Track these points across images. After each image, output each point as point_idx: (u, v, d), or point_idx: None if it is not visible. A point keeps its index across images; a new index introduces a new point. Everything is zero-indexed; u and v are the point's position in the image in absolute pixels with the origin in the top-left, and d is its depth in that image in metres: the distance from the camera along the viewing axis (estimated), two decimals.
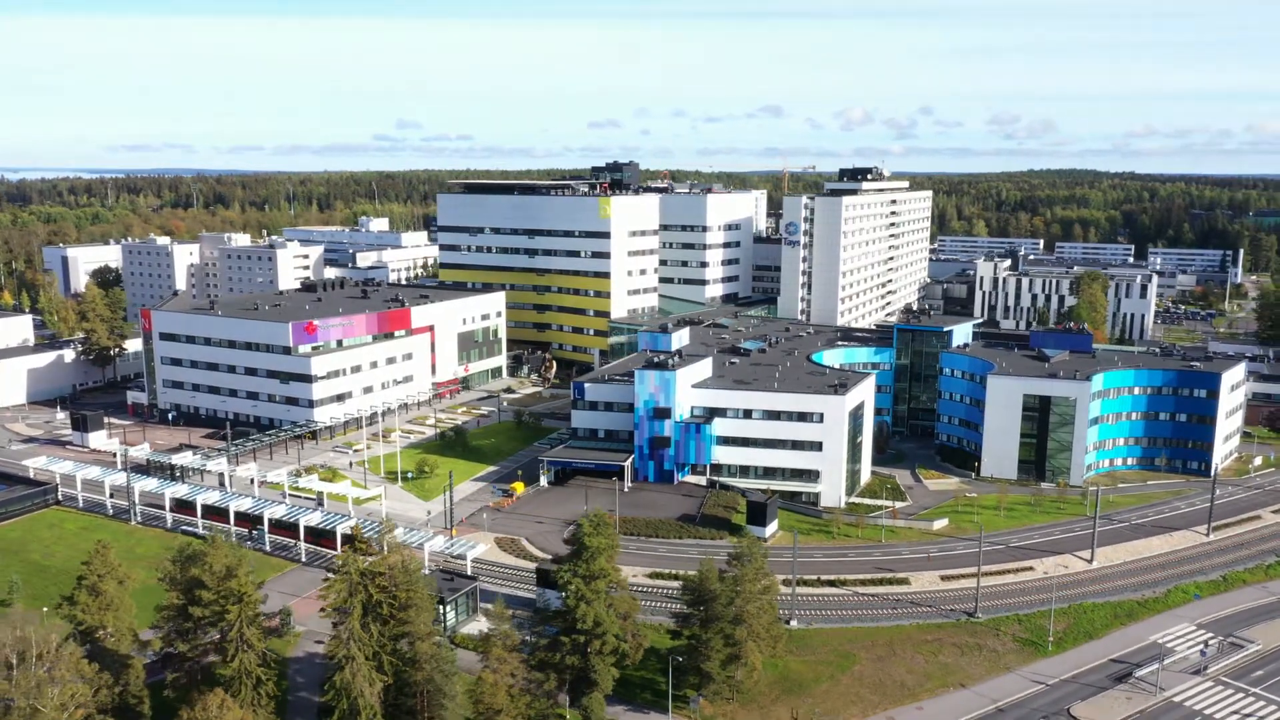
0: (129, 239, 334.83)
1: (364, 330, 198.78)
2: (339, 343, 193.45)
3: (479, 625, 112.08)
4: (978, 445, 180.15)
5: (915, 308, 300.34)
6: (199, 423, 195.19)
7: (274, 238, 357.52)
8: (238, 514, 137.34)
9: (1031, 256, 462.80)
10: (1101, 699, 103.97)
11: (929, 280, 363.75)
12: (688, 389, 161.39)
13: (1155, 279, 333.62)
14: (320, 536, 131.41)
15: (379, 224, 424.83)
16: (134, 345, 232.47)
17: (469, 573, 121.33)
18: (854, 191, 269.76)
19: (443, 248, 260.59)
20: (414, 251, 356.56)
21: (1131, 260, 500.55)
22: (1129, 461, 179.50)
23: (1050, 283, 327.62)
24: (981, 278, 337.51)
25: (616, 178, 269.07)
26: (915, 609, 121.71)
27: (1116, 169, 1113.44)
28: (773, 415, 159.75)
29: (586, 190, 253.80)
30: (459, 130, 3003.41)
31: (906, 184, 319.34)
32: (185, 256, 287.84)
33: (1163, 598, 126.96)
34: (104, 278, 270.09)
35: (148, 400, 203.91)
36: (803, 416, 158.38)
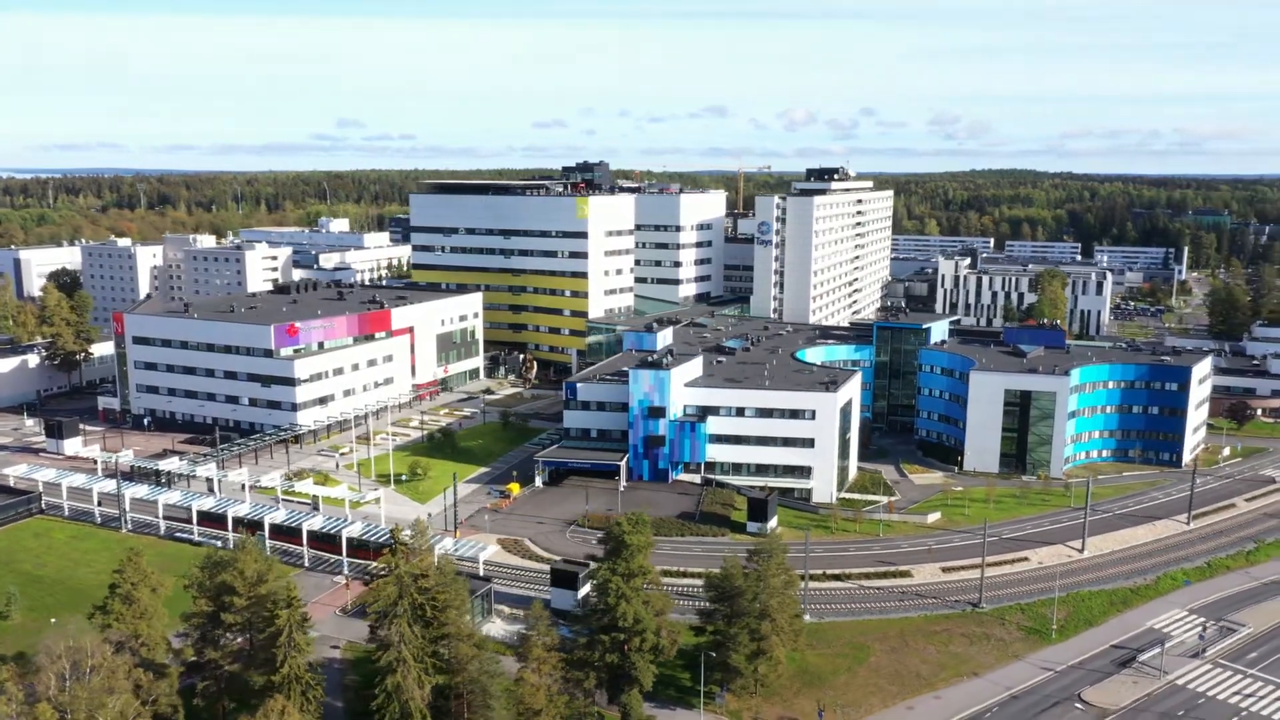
0: (84, 241, 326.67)
1: (345, 332, 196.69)
2: (320, 345, 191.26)
3: (494, 626, 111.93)
4: (958, 440, 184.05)
5: (891, 305, 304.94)
6: (175, 428, 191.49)
7: (234, 239, 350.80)
8: (235, 519, 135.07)
9: (984, 255, 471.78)
10: (1109, 684, 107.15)
11: (890, 279, 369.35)
12: (680, 388, 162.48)
13: (1109, 276, 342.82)
14: (323, 541, 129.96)
15: (339, 225, 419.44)
16: (100, 349, 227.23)
17: (481, 574, 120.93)
18: (824, 191, 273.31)
19: (416, 248, 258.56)
20: (377, 252, 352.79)
21: (1079, 258, 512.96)
22: (1104, 454, 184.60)
23: (1010, 280, 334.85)
24: (943, 275, 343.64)
25: (587, 177, 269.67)
26: (921, 601, 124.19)
27: (1052, 169, 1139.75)
28: (765, 413, 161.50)
29: (562, 190, 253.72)
30: (401, 129, 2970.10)
31: (870, 184, 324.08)
32: (148, 259, 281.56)
33: (1154, 585, 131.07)
34: (62, 280, 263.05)
35: (120, 406, 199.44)
36: (795, 414, 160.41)
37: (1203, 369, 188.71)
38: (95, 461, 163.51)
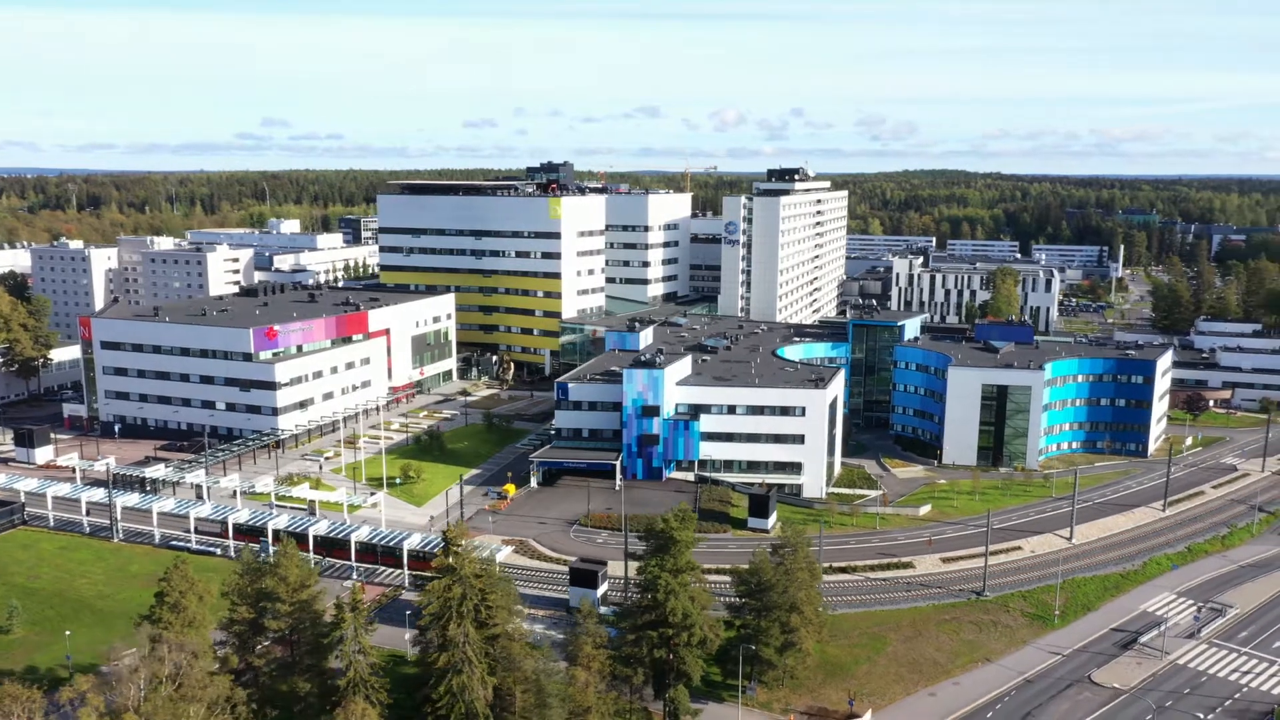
0: (27, 243, 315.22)
1: (323, 335, 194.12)
2: (299, 348, 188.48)
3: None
4: (934, 434, 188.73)
5: (863, 303, 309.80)
6: (147, 435, 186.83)
7: (182, 242, 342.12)
8: (236, 526, 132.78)
9: (932, 254, 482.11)
10: (1115, 665, 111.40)
11: (845, 278, 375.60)
12: (672, 387, 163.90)
13: (1056, 274, 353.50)
14: (330, 546, 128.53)
15: (290, 226, 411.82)
16: (60, 355, 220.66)
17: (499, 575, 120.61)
18: (788, 191, 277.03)
19: (383, 249, 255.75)
20: (331, 254, 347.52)
21: (1019, 257, 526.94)
22: (1074, 445, 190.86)
23: (962, 278, 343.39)
24: (898, 274, 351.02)
25: (552, 178, 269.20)
26: (927, 591, 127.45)
27: (975, 169, 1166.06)
28: (756, 410, 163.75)
29: (532, 191, 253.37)
30: (329, 129, 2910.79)
31: (828, 184, 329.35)
32: (103, 261, 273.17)
33: (1141, 570, 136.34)
34: (10, 284, 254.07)
35: (87, 413, 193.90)
36: (785, 411, 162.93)
37: (1165, 362, 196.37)
38: (73, 470, 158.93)
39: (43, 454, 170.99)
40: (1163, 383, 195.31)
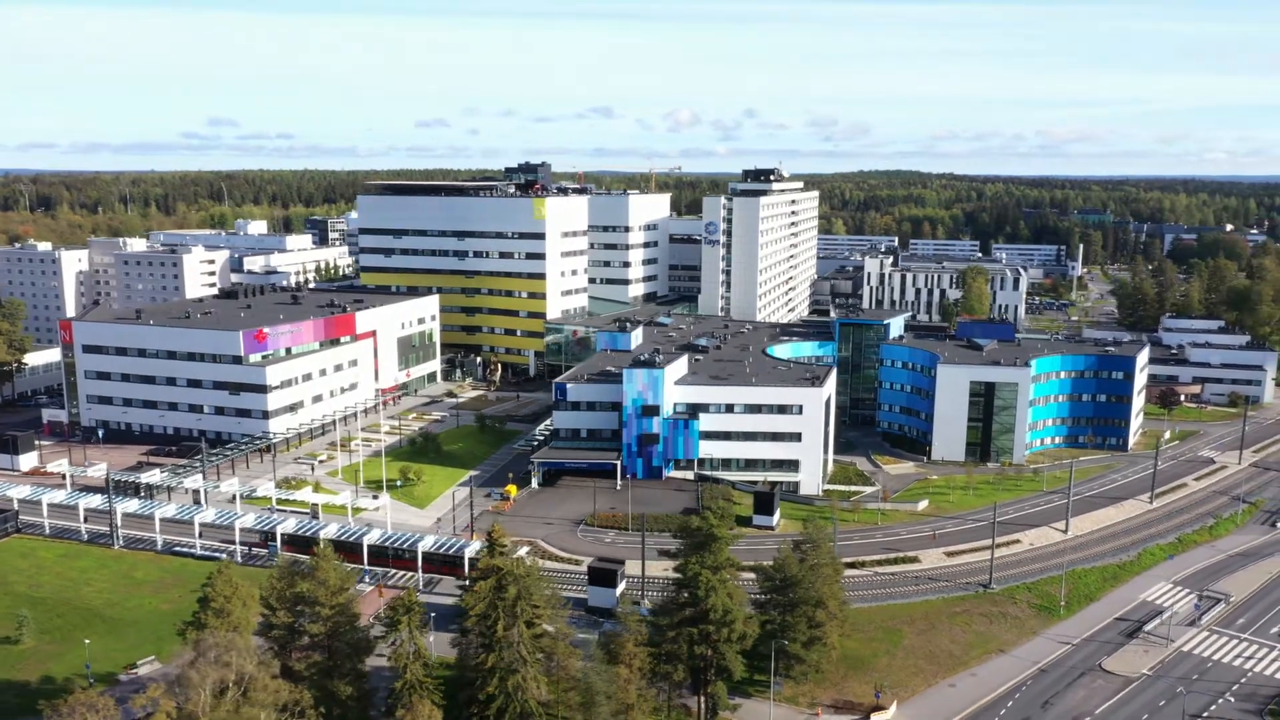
0: None
1: (311, 337, 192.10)
2: (288, 350, 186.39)
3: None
4: (920, 431, 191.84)
5: (850, 302, 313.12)
6: (131, 440, 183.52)
7: (151, 244, 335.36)
8: (244, 530, 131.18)
9: (884, 253, 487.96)
10: (1123, 653, 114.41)
11: (816, 277, 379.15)
12: (671, 386, 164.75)
13: (1024, 273, 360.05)
14: (341, 550, 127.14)
15: (257, 227, 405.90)
16: (33, 359, 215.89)
17: None
18: (766, 192, 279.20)
19: (363, 250, 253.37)
20: (301, 255, 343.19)
21: (980, 256, 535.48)
22: (1056, 440, 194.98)
23: (932, 277, 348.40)
24: (869, 273, 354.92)
25: (530, 179, 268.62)
26: (935, 584, 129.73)
27: (925, 169, 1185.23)
28: (754, 409, 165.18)
29: (514, 191, 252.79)
30: (278, 128, 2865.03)
31: (801, 184, 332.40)
32: (74, 263, 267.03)
33: (1137, 560, 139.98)
34: None
35: (68, 418, 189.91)
36: (783, 409, 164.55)
37: (1143, 358, 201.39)
38: (63, 476, 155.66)
39: (27, 460, 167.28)
40: (1140, 378, 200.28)
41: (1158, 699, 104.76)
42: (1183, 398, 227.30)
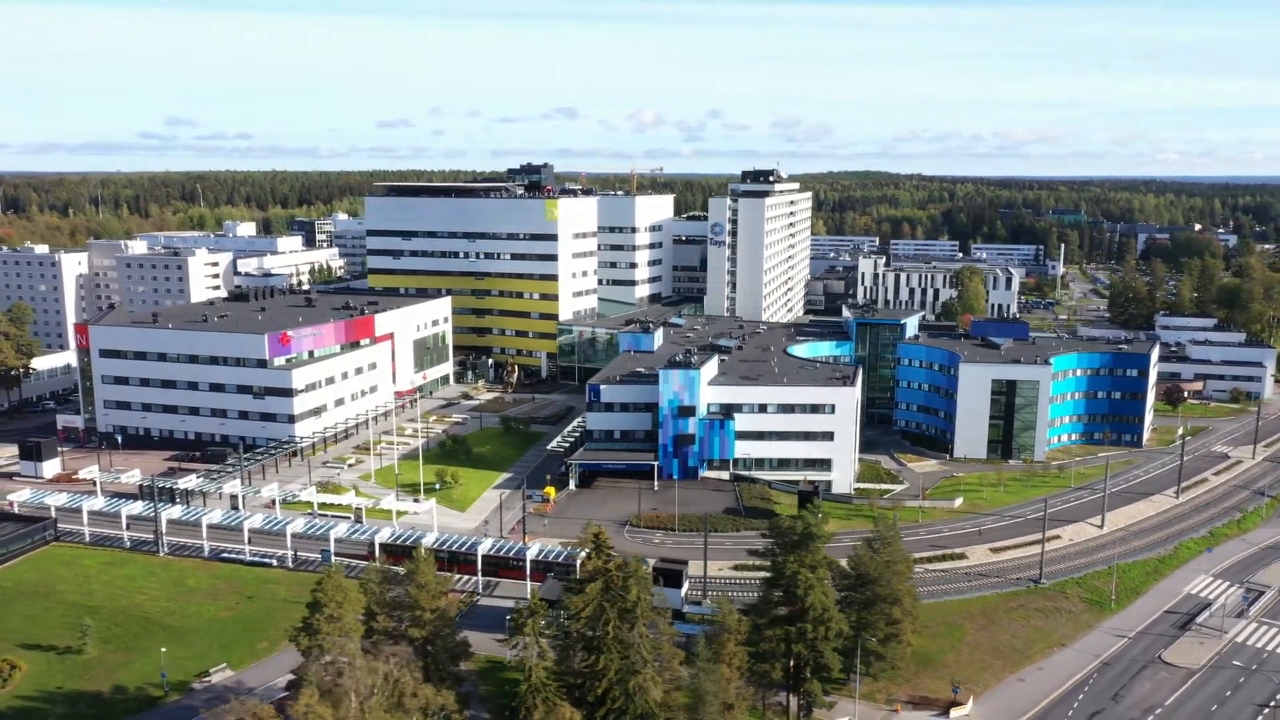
0: None
1: (333, 340, 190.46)
2: (310, 354, 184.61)
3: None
4: (939, 429, 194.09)
5: (866, 302, 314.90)
6: (151, 445, 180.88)
7: (149, 245, 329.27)
8: (294, 535, 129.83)
9: (876, 253, 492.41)
10: (1180, 646, 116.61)
11: (809, 277, 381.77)
12: (705, 386, 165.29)
13: (1015, 273, 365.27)
14: (398, 554, 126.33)
15: (246, 229, 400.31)
16: (40, 364, 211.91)
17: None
18: (769, 193, 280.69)
19: (371, 252, 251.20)
20: (294, 257, 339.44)
21: (961, 255, 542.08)
22: (1073, 437, 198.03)
23: (926, 277, 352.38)
24: (863, 273, 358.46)
25: (534, 179, 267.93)
26: (986, 580, 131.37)
27: (887, 169, 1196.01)
28: (787, 409, 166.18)
29: (523, 193, 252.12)
30: (237, 128, 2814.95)
31: (797, 185, 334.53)
32: (74, 266, 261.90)
33: (1174, 554, 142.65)
34: None
35: (84, 424, 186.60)
36: (815, 408, 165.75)
37: (1154, 356, 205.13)
38: (93, 483, 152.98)
39: (51, 467, 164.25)
40: (1153, 375, 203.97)
41: (1222, 689, 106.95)
42: (1186, 394, 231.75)
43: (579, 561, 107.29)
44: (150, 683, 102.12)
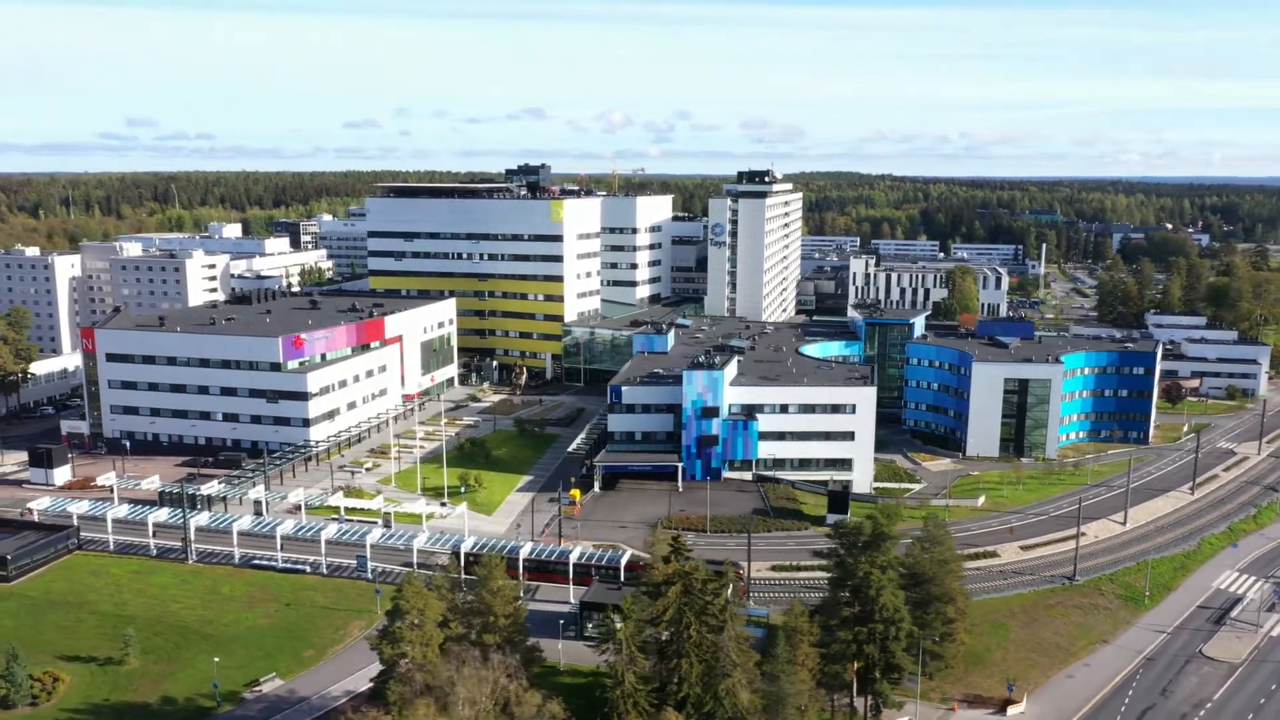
0: None
1: (344, 343, 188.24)
2: (323, 356, 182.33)
3: None
4: (949, 428, 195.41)
5: (872, 302, 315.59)
6: (160, 451, 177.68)
7: (140, 248, 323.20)
8: (328, 542, 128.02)
9: (867, 253, 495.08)
10: (1219, 640, 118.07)
11: (800, 277, 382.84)
12: (727, 387, 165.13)
13: (1004, 273, 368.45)
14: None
15: (232, 230, 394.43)
16: (37, 368, 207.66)
17: (623, 579, 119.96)
18: (768, 193, 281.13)
19: (372, 254, 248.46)
20: (282, 259, 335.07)
21: (941, 255, 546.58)
22: (1081, 435, 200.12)
23: (917, 276, 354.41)
24: (854, 273, 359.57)
25: (532, 180, 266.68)
26: (1020, 578, 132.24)
27: (856, 170, 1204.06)
28: (808, 409, 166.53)
29: (525, 193, 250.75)
30: (199, 128, 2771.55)
31: (790, 185, 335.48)
32: (66, 269, 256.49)
33: (1198, 550, 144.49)
34: None
35: (89, 429, 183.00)
36: (836, 408, 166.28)
37: (1159, 354, 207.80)
38: (110, 490, 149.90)
39: (61, 474, 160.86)
40: (1156, 373, 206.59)
41: (1268, 683, 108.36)
42: (1185, 392, 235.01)
43: (651, 565, 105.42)
44: (199, 693, 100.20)
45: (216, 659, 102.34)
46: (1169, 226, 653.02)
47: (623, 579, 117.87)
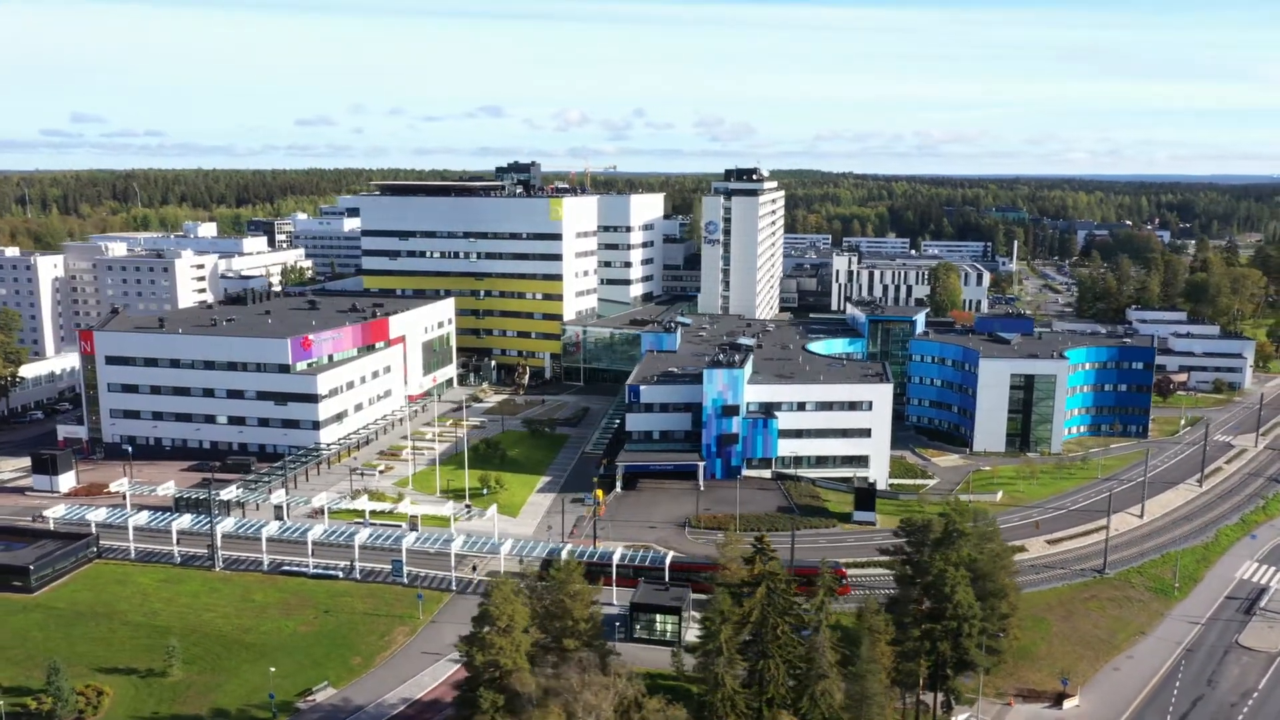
0: None
1: (350, 343, 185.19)
2: (330, 357, 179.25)
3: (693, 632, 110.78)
4: (953, 424, 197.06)
5: (871, 299, 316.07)
6: (163, 456, 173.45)
7: (135, 246, 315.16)
8: (362, 548, 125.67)
9: (841, 251, 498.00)
10: (1253, 629, 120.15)
11: (783, 275, 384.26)
12: (746, 385, 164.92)
13: (985, 270, 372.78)
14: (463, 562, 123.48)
15: (207, 229, 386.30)
16: (26, 372, 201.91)
17: (667, 579, 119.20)
18: (759, 191, 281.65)
19: (366, 253, 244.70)
20: (262, 258, 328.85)
21: (912, 252, 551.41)
22: (1082, 429, 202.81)
23: (899, 274, 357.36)
24: (837, 271, 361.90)
25: (522, 178, 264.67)
26: (1052, 573, 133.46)
27: (810, 168, 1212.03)
28: (825, 406, 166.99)
29: (521, 192, 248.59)
30: (147, 125, 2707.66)
31: (775, 183, 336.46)
32: (49, 269, 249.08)
33: (1216, 541, 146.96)
34: None
35: (88, 434, 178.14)
36: (853, 405, 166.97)
37: (1156, 349, 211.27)
38: (122, 496, 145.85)
39: (66, 481, 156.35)
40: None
41: None
42: (1174, 386, 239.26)
43: (723, 565, 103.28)
44: (250, 704, 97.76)
45: (272, 669, 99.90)
46: (1129, 224, 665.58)
47: (668, 579, 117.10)
